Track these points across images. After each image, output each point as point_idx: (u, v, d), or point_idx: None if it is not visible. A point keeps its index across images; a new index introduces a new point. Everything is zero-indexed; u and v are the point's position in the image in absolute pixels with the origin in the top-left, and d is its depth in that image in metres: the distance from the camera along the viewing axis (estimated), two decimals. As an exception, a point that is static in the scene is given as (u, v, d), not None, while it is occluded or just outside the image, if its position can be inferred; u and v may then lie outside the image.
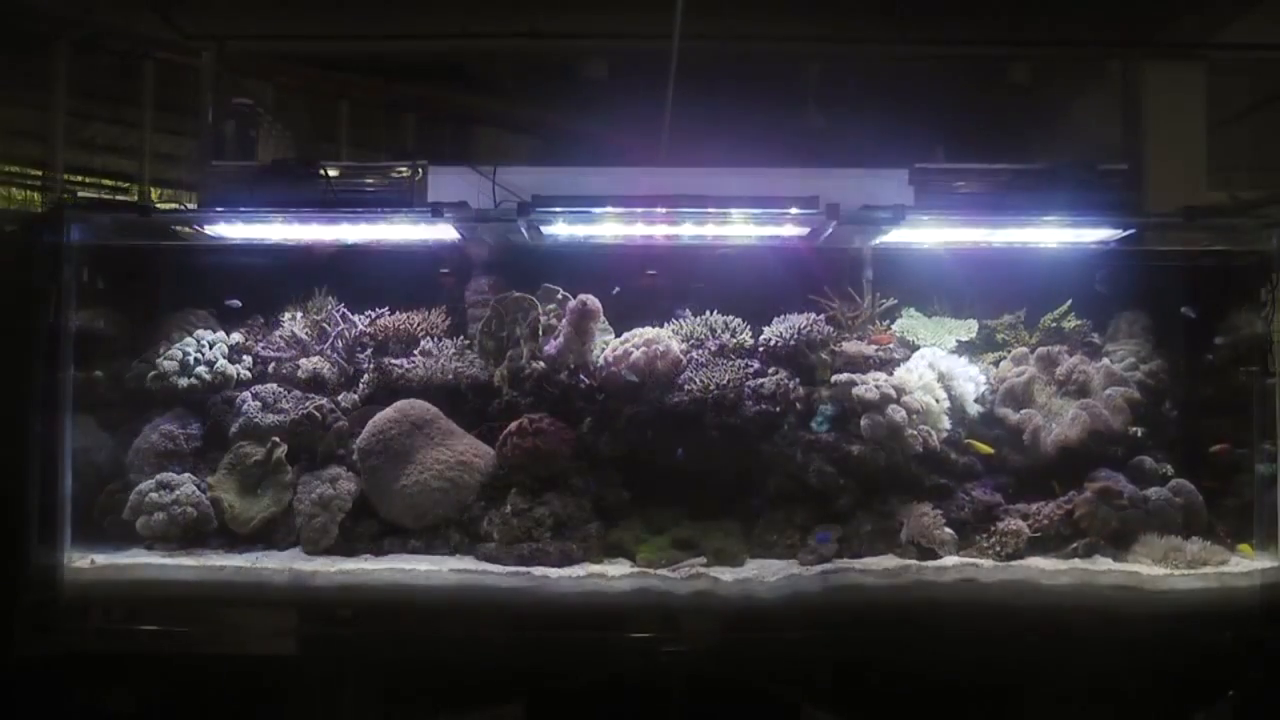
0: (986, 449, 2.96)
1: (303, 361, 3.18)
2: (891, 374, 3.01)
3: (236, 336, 3.24)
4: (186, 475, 2.96)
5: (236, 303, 3.20)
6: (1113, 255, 3.04)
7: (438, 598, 2.64)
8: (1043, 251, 3.11)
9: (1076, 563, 2.75)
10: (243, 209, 2.75)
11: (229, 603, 2.67)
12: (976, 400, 3.06)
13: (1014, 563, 2.72)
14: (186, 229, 2.95)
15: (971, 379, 3.06)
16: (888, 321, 3.26)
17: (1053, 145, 3.87)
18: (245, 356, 3.22)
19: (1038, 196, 2.74)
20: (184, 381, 3.08)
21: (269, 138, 3.32)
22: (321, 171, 2.70)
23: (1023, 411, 3.02)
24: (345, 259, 3.20)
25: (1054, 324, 3.25)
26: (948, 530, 2.80)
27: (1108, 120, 3.61)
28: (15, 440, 2.59)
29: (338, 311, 3.23)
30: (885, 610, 2.62)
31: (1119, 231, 2.87)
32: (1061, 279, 3.21)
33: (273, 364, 3.21)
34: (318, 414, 3.00)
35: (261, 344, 3.24)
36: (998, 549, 2.77)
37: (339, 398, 3.13)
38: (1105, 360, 3.11)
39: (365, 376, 3.17)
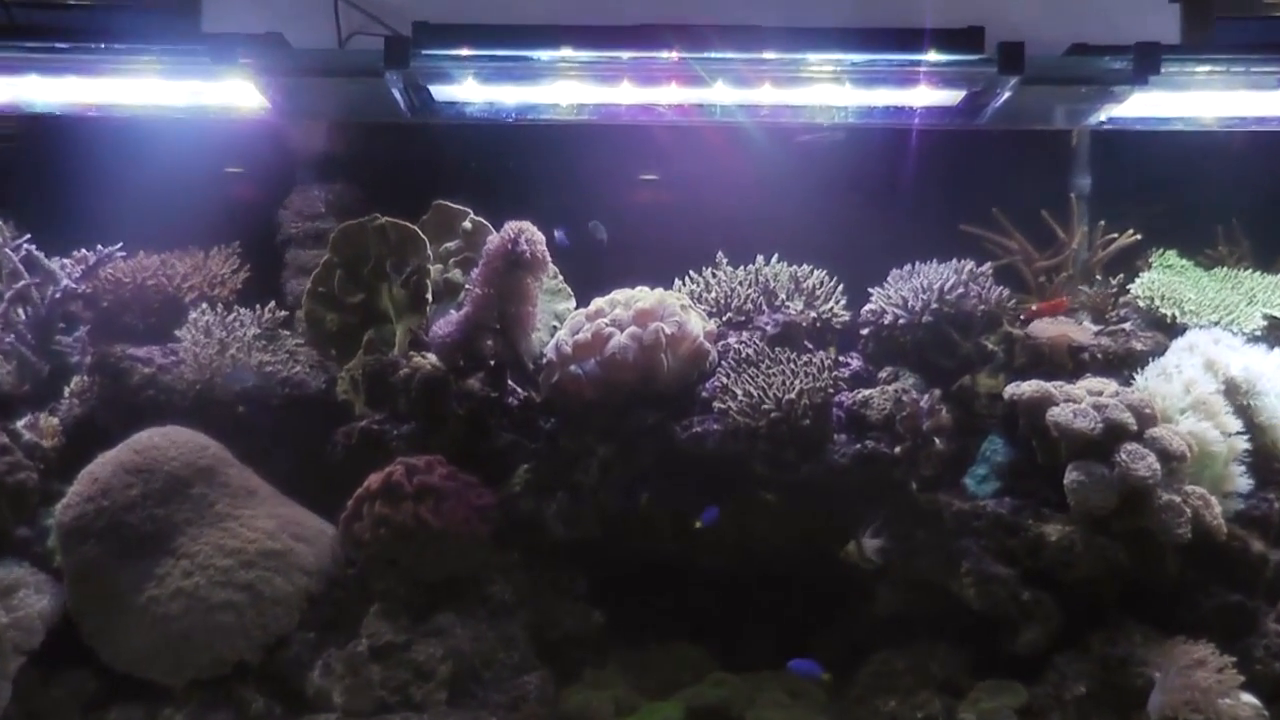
0: None
1: (-57, 352, 3.07)
2: (1129, 382, 2.90)
3: None
4: None
5: None
6: None
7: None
8: None
9: None
10: None
11: None
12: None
13: (1392, 770, 2.54)
14: None
15: (1297, 395, 2.91)
16: (1120, 276, 3.18)
17: None
18: None
19: None
20: None
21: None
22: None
23: (1405, 468, 2.87)
24: (34, 147, 3.30)
25: None
26: (1247, 699, 2.59)
27: None
28: None
29: (16, 251, 3.15)
30: None
31: None
32: None
33: (-127, 355, 3.12)
34: (-28, 456, 2.79)
35: None
36: (1356, 740, 2.52)
37: (21, 423, 3.04)
38: None
39: (76, 380, 3.13)
